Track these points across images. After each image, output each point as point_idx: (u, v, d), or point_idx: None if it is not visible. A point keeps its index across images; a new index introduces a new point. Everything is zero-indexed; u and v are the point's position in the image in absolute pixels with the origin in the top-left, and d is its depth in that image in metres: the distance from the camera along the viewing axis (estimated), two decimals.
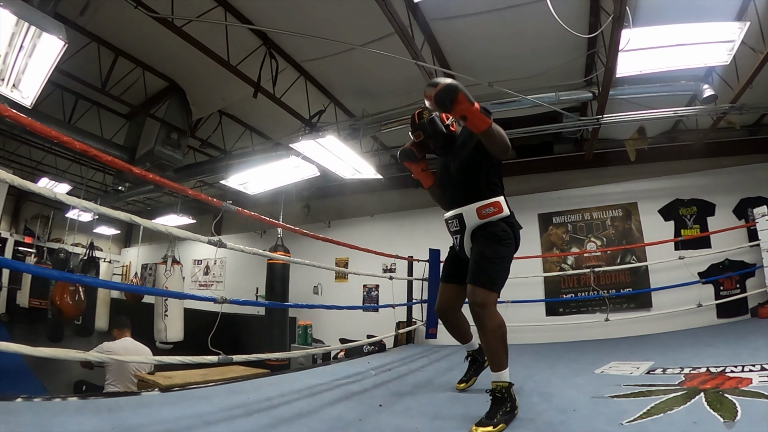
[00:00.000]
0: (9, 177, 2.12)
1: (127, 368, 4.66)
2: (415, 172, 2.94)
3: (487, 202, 2.52)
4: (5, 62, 3.96)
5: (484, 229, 2.51)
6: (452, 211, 2.69)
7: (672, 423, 2.00)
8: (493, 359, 2.30)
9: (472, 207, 2.54)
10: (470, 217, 2.55)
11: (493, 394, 2.23)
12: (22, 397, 2.19)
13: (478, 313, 2.30)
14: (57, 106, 6.75)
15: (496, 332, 2.29)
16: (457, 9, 4.63)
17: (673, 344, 4.62)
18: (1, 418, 1.85)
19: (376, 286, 8.98)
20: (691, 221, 6.65)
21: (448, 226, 2.75)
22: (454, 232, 2.70)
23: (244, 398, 2.75)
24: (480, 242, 2.50)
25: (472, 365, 3.13)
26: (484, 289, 2.33)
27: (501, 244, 2.46)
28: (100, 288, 11.09)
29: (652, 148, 6.83)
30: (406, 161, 2.89)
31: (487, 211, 2.51)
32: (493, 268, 2.40)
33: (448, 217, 2.73)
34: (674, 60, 4.36)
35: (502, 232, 2.48)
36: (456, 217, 2.64)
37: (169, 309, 8.13)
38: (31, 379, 7.38)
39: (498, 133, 2.21)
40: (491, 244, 2.45)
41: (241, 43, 5.23)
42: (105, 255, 12.78)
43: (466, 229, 2.58)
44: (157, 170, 6.96)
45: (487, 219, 2.51)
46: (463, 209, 2.59)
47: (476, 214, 2.52)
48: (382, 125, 6.22)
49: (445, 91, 1.97)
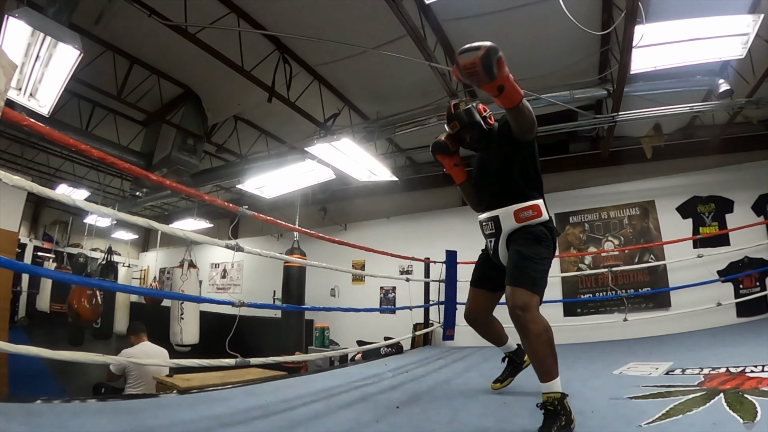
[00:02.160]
0: (28, 184, 2.15)
1: (147, 372, 4.72)
2: (447, 166, 2.78)
3: (525, 205, 2.37)
4: (22, 72, 4.03)
5: (522, 234, 2.35)
6: (487, 213, 2.53)
7: (691, 424, 1.98)
8: (541, 368, 2.09)
9: (509, 209, 2.40)
10: (507, 220, 2.41)
11: (544, 407, 2.03)
12: (41, 399, 2.21)
13: (519, 317, 2.11)
14: (74, 114, 6.84)
15: (541, 337, 2.10)
16: (469, 9, 4.62)
17: (693, 344, 4.56)
18: (22, 420, 1.88)
19: (393, 288, 8.99)
20: (709, 219, 6.55)
21: (483, 228, 2.60)
22: (489, 236, 2.54)
23: (262, 400, 2.77)
24: (518, 243, 2.34)
25: (509, 366, 2.98)
26: (526, 291, 2.16)
27: (541, 245, 2.32)
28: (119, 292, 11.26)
29: (669, 144, 6.75)
30: (438, 154, 2.73)
31: (526, 214, 2.36)
32: (535, 268, 2.24)
33: (483, 219, 2.58)
34: (688, 55, 4.31)
35: (541, 233, 2.34)
36: (491, 220, 2.49)
37: (185, 312, 8.20)
38: (50, 382, 7.49)
39: (527, 108, 2.12)
40: (531, 244, 2.31)
41: (254, 48, 5.27)
42: (123, 259, 12.96)
43: (502, 233, 2.43)
44: (174, 176, 7.04)
45: (524, 223, 2.36)
46: (499, 211, 2.44)
47: (513, 217, 2.38)
48: (397, 127, 6.24)
49: (491, 52, 1.83)
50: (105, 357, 2.47)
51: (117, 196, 11.54)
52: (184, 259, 8.81)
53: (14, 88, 4.19)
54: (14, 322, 11.34)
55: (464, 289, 6.42)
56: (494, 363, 4.47)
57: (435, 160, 2.76)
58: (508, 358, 2.98)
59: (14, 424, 1.81)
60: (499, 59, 1.84)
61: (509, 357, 2.97)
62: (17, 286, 11.78)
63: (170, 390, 3.57)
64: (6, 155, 9.31)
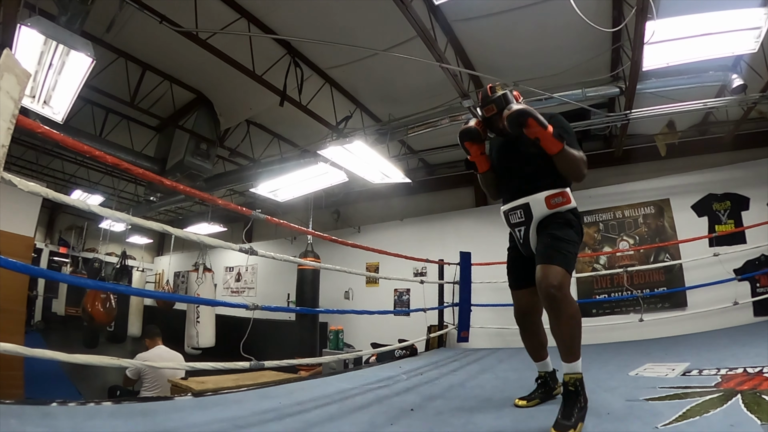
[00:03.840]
0: (43, 190, 2.17)
1: (162, 375, 4.75)
2: (473, 153, 2.67)
3: (556, 191, 2.38)
4: (36, 80, 4.09)
5: (553, 217, 2.37)
6: (515, 201, 2.50)
7: (708, 426, 1.95)
8: (570, 348, 2.12)
9: (540, 195, 2.39)
10: (538, 207, 2.40)
11: (566, 388, 2.09)
12: (57, 401, 2.22)
13: (554, 296, 2.11)
14: (88, 121, 6.94)
15: (574, 318, 2.14)
16: (479, 9, 4.62)
17: (709, 344, 4.50)
18: (37, 422, 1.90)
19: (407, 290, 8.97)
20: (725, 216, 6.46)
21: (509, 218, 2.56)
22: (517, 224, 2.50)
23: (276, 403, 2.77)
24: (549, 227, 2.35)
25: (541, 388, 2.70)
26: (560, 268, 2.17)
27: (572, 229, 2.36)
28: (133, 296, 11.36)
29: (683, 142, 6.68)
30: (467, 140, 2.62)
31: (557, 200, 2.37)
32: (568, 249, 2.27)
33: (510, 207, 2.54)
34: (701, 50, 4.25)
35: (571, 218, 2.38)
36: (521, 207, 2.46)
37: (200, 315, 8.27)
38: (66, 384, 7.57)
39: (570, 158, 2.25)
40: (562, 227, 2.34)
41: (265, 53, 5.31)
42: (138, 263, 13.08)
43: (533, 220, 2.41)
44: (188, 180, 7.10)
45: (555, 209, 2.37)
46: (529, 198, 2.42)
47: (545, 203, 2.38)
48: (409, 129, 6.25)
49: (517, 115, 2.16)
50: (120, 361, 2.48)
51: (131, 201, 11.67)
52: (199, 262, 8.88)
53: (28, 95, 4.26)
54: (30, 326, 11.50)
55: (477, 291, 6.47)
56: (509, 365, 4.47)
57: (462, 146, 2.67)
58: (542, 380, 2.72)
59: (29, 426, 1.83)
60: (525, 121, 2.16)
61: (543, 378, 2.72)
62: (33, 290, 11.95)
63: (185, 393, 3.58)
64: (21, 162, 9.46)
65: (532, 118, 2.13)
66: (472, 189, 8.90)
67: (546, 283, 2.14)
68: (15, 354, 1.98)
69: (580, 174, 2.31)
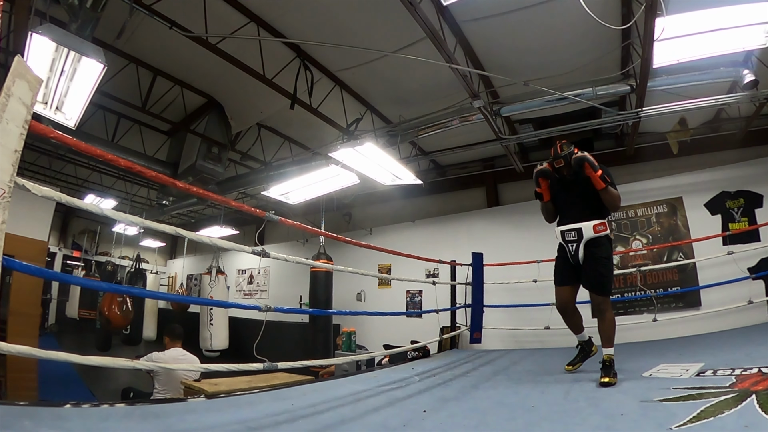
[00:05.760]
0: (56, 195, 2.20)
1: (175, 377, 4.77)
2: (543, 187, 3.66)
3: (600, 221, 3.39)
4: (47, 86, 4.13)
5: (596, 243, 3.38)
6: (572, 225, 3.47)
7: (723, 427, 1.94)
8: (609, 339, 3.27)
9: (590, 224, 3.39)
10: (587, 231, 3.39)
11: (604, 363, 3.15)
12: (70, 403, 2.24)
13: (602, 309, 3.34)
14: (100, 126, 7.00)
15: (612, 321, 3.33)
16: (487, 9, 4.61)
17: (724, 344, 4.45)
18: (50, 423, 1.91)
19: (420, 292, 8.97)
20: (738, 214, 6.39)
21: (564, 235, 3.51)
22: (571, 241, 3.47)
23: (289, 404, 2.78)
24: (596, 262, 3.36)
25: (581, 353, 3.81)
26: (602, 296, 3.36)
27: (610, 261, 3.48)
28: (147, 298, 11.45)
29: (695, 139, 6.60)
30: (541, 177, 3.62)
31: (600, 228, 3.37)
32: (609, 281, 3.42)
33: (567, 228, 3.50)
34: (711, 46, 4.18)
35: (609, 250, 3.45)
36: (575, 230, 3.44)
37: (214, 318, 8.32)
38: (79, 386, 7.65)
39: (611, 195, 3.33)
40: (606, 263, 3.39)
41: (275, 56, 5.33)
42: (151, 266, 13.18)
43: (583, 240, 3.40)
44: (200, 184, 7.14)
45: (598, 234, 3.37)
46: (582, 224, 3.41)
47: (592, 229, 3.37)
48: (420, 130, 6.26)
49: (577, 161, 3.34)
50: (133, 362, 2.51)
51: (144, 205, 11.78)
52: (212, 265, 8.94)
53: (40, 102, 4.30)
54: (44, 329, 11.63)
55: (490, 292, 6.44)
56: (522, 366, 4.47)
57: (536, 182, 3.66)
58: (580, 346, 3.82)
59: (43, 427, 1.84)
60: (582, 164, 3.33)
61: (582, 345, 3.81)
62: (47, 293, 12.08)
63: (198, 394, 3.60)
64: (34, 167, 9.57)
65: (587, 163, 3.29)
66: (484, 189, 8.89)
67: (596, 302, 3.38)
68: (29, 356, 2.00)
69: (617, 206, 3.43)
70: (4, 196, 1.67)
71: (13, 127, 1.72)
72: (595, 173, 3.26)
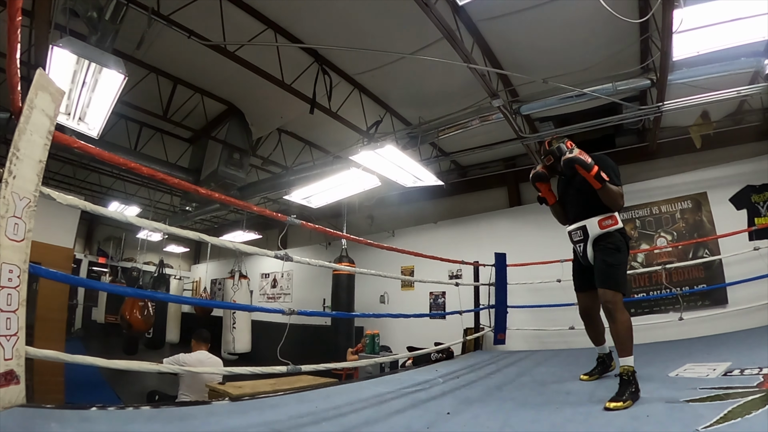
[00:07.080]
0: (81, 203, 2.24)
1: (200, 380, 4.84)
2: (543, 190, 3.46)
3: (606, 215, 3.07)
4: (70, 98, 4.24)
5: (605, 239, 3.05)
6: (576, 224, 3.22)
7: (750, 427, 1.91)
8: (623, 346, 2.75)
9: (594, 219, 3.09)
10: (592, 228, 3.10)
11: (620, 377, 2.66)
12: (96, 405, 2.28)
13: (610, 309, 2.86)
14: (123, 135, 7.13)
15: (625, 324, 2.81)
16: (502, 7, 4.59)
17: (751, 342, 4.36)
18: (77, 426, 1.96)
19: (443, 293, 8.93)
20: (764, 208, 6.23)
21: (571, 236, 3.28)
22: (578, 241, 3.22)
23: (313, 407, 2.80)
24: (602, 252, 3.03)
25: (600, 365, 3.53)
26: (612, 291, 2.89)
27: (620, 252, 3.01)
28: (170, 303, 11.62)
29: (718, 132, 6.45)
30: (537, 182, 3.42)
31: (606, 222, 3.06)
32: (617, 272, 2.96)
33: (573, 228, 3.25)
34: (731, 36, 4.08)
35: (619, 242, 3.03)
36: (580, 228, 3.18)
37: (237, 321, 8.41)
38: (105, 389, 7.79)
39: (609, 193, 2.97)
40: (613, 253, 3.00)
41: (293, 62, 5.38)
42: (175, 272, 13.38)
43: (589, 238, 3.12)
44: (222, 190, 7.22)
45: (606, 229, 3.05)
46: (586, 221, 3.13)
47: (597, 225, 3.07)
48: (440, 131, 6.25)
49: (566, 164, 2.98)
50: (158, 365, 2.54)
51: (167, 212, 11.94)
52: (235, 270, 9.03)
53: (63, 113, 4.41)
54: (71, 333, 11.87)
55: (513, 292, 6.42)
56: (547, 368, 4.44)
57: (535, 188, 3.48)
58: (600, 359, 3.54)
59: (69, 429, 1.89)
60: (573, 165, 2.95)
61: (602, 358, 3.54)
62: (73, 299, 12.32)
63: (222, 397, 3.64)
64: (59, 176, 9.77)
65: (578, 164, 2.92)
66: (506, 189, 8.82)
67: (603, 299, 2.93)
68: (56, 360, 2.04)
69: (617, 205, 3.03)
70: (30, 205, 1.71)
71: (37, 138, 1.76)
72: (589, 173, 2.90)
